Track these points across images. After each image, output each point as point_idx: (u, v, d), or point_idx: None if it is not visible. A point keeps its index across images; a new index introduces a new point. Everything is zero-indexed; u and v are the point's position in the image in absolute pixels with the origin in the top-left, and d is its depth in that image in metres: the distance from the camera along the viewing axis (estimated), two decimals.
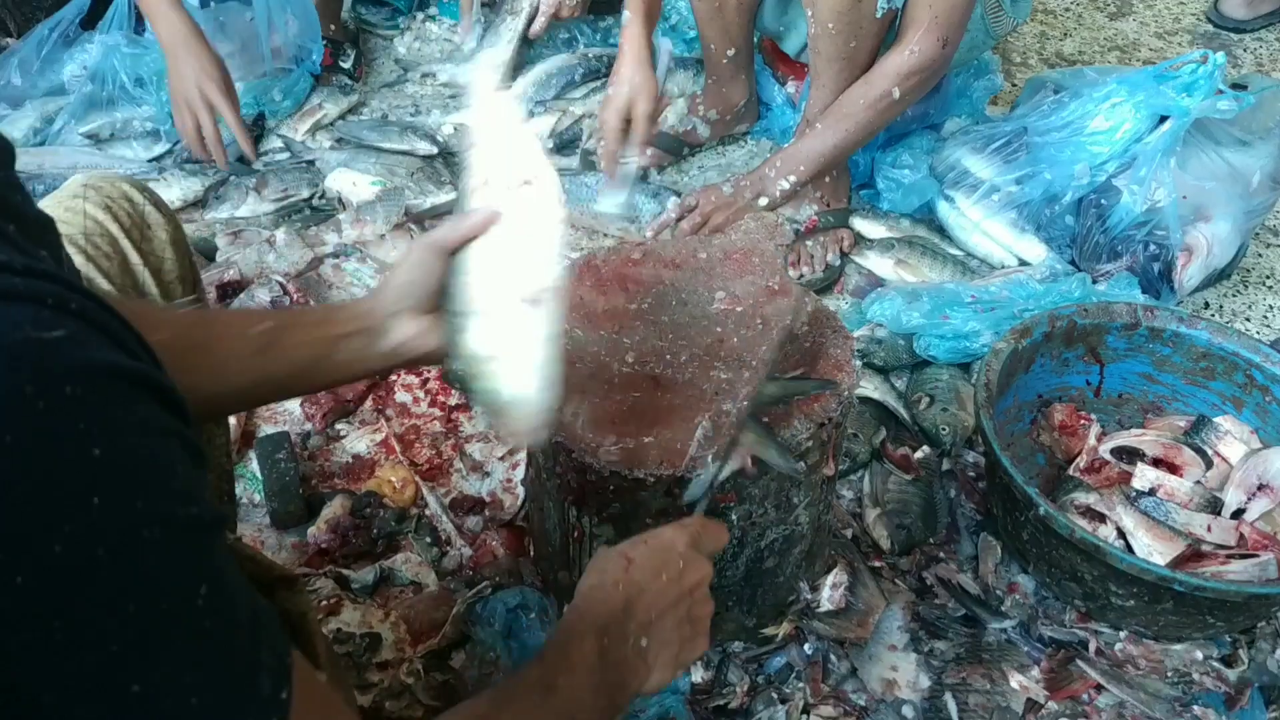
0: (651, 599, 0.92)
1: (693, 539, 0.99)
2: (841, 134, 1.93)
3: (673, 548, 0.96)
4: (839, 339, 1.33)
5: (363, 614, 1.48)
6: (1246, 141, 1.99)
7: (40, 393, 0.45)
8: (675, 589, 0.94)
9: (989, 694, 1.42)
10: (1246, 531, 1.51)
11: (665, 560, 0.95)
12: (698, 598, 0.96)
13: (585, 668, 0.87)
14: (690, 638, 0.95)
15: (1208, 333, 1.67)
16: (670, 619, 0.93)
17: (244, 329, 0.93)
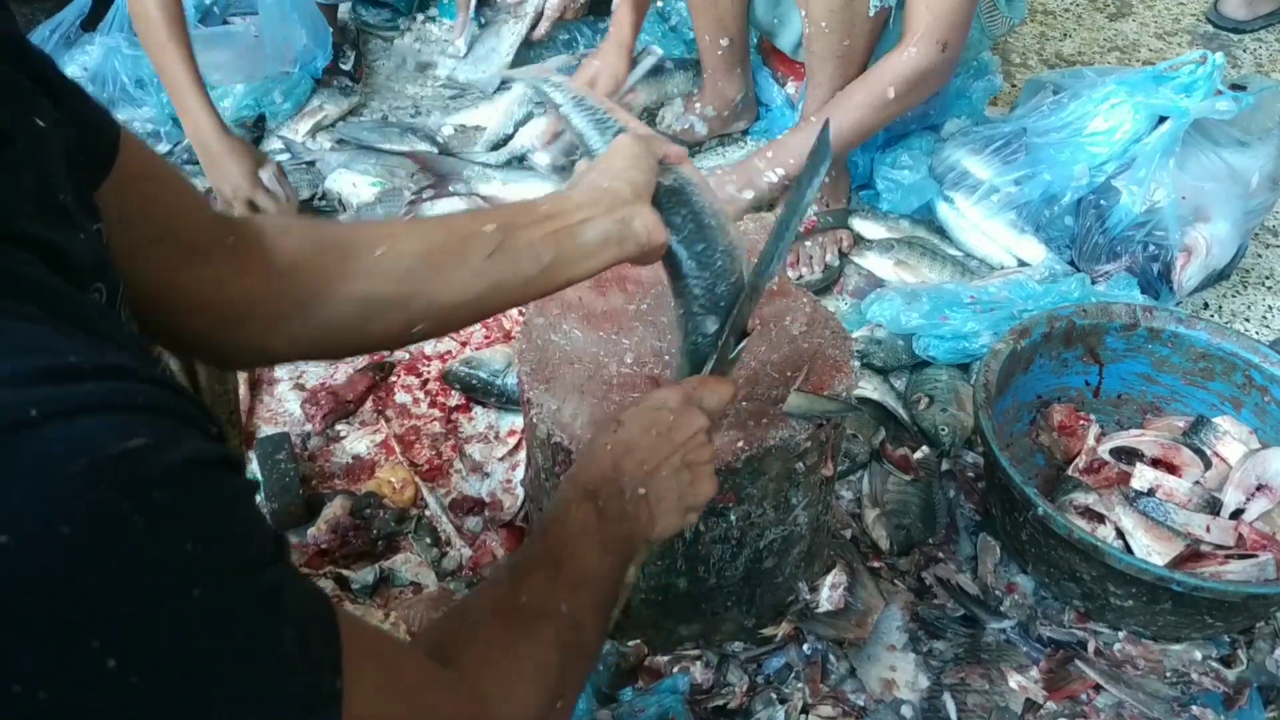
0: (642, 454, 0.93)
1: (687, 396, 0.98)
2: (835, 130, 1.91)
3: (663, 405, 0.96)
4: (838, 340, 1.33)
5: (363, 614, 1.48)
6: (1245, 142, 1.99)
7: (136, 507, 0.47)
8: (665, 442, 0.94)
9: (988, 694, 1.43)
10: (1245, 532, 1.52)
11: (654, 417, 0.95)
12: (692, 445, 0.96)
13: (586, 532, 0.88)
14: (691, 482, 0.96)
15: (1206, 333, 1.67)
16: (666, 468, 0.94)
17: (469, 231, 0.91)
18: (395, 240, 0.89)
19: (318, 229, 0.88)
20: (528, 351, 1.33)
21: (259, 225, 0.87)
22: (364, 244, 0.88)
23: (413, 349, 1.92)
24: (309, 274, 0.86)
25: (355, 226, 0.90)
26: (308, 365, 1.89)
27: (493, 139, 2.44)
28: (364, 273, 0.87)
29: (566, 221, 0.93)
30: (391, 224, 0.93)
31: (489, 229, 0.90)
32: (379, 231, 0.91)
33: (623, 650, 1.40)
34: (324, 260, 0.87)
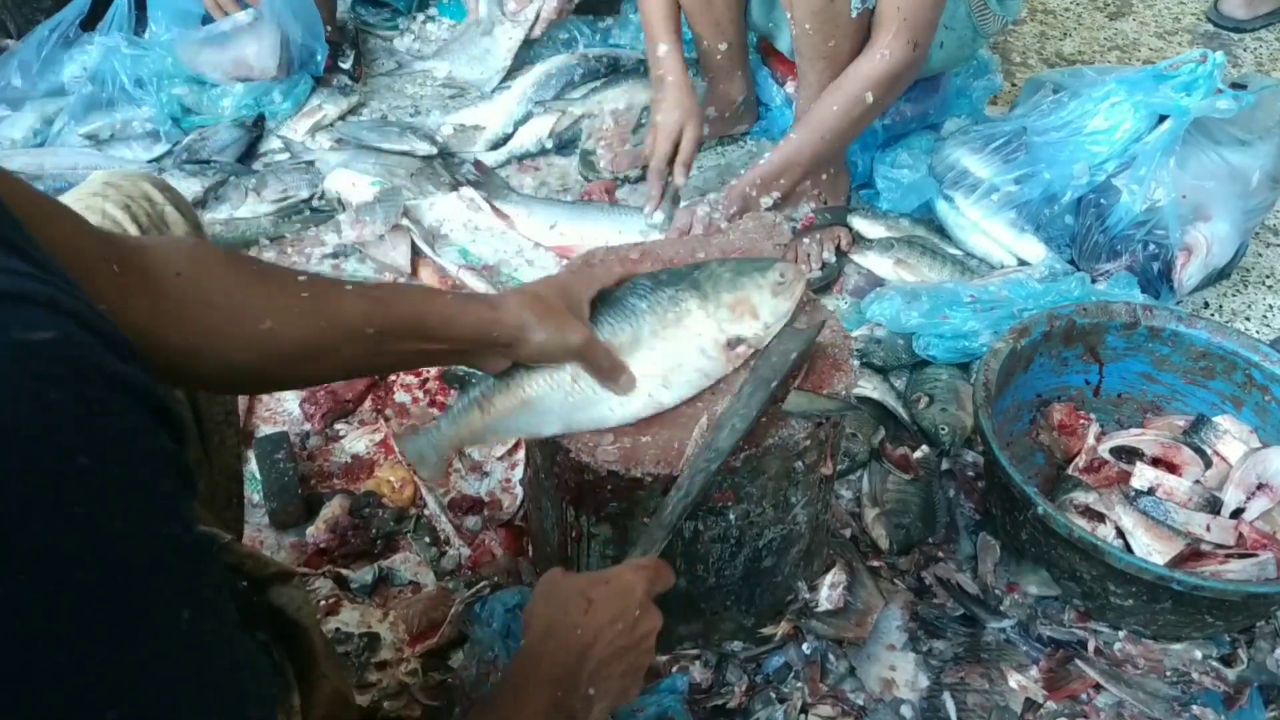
0: (604, 648, 0.93)
1: (650, 584, 0.99)
2: (816, 141, 1.93)
3: (632, 593, 0.97)
4: (837, 338, 1.33)
5: (361, 614, 1.48)
6: (1246, 141, 1.98)
7: (24, 395, 0.43)
8: (627, 638, 0.94)
9: (987, 693, 1.42)
10: (1245, 531, 1.51)
11: (624, 607, 0.95)
12: (644, 648, 0.96)
13: (536, 717, 0.88)
14: (626, 688, 0.95)
15: (1207, 332, 1.67)
16: (616, 667, 0.93)
17: (353, 328, 0.93)
18: (285, 318, 0.88)
19: (210, 275, 0.84)
20: None
21: (150, 256, 0.82)
22: (253, 312, 0.86)
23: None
24: (187, 326, 0.82)
25: (250, 281, 0.87)
26: None
27: (492, 138, 2.44)
28: (242, 343, 0.86)
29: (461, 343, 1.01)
30: (285, 290, 0.90)
31: (370, 332, 0.94)
32: (270, 299, 0.88)
33: None
34: (208, 317, 0.84)
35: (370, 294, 0.96)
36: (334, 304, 0.92)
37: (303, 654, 0.89)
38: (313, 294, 0.90)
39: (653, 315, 1.18)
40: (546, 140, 2.44)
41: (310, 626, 0.90)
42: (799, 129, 1.95)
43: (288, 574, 0.92)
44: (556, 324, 1.07)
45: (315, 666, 0.89)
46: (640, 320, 1.18)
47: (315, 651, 0.89)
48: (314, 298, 0.90)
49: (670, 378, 1.19)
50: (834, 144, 1.95)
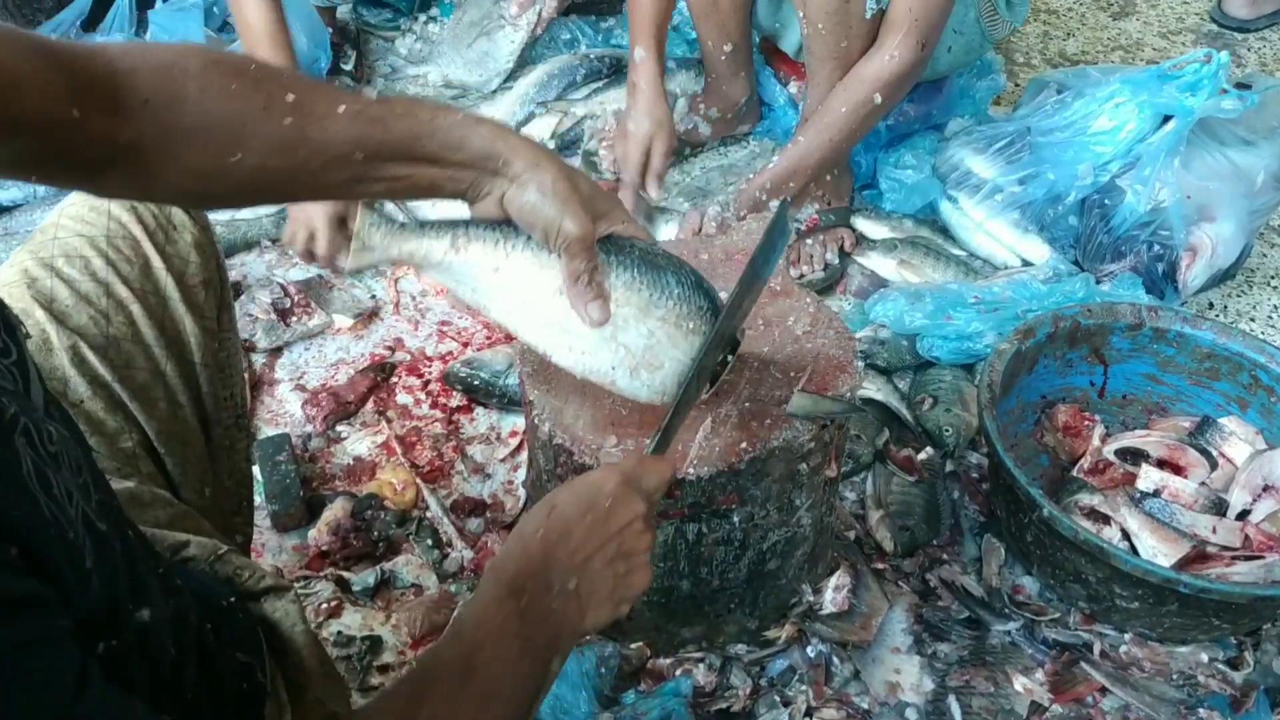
0: (577, 541, 0.86)
1: (626, 477, 0.91)
2: (826, 143, 1.93)
3: (600, 487, 0.89)
4: (841, 340, 1.33)
5: (363, 617, 1.48)
6: (1251, 141, 1.98)
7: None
8: (602, 528, 0.87)
9: (993, 697, 1.42)
10: (1252, 533, 1.50)
11: (591, 500, 0.88)
12: (629, 532, 0.89)
13: (505, 635, 0.81)
14: (625, 573, 0.89)
15: (1212, 333, 1.66)
16: (600, 557, 0.87)
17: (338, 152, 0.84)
18: (260, 148, 0.80)
19: (181, 100, 0.76)
20: (529, 352, 1.32)
21: (120, 81, 0.74)
22: (224, 144, 0.79)
23: (413, 350, 1.92)
24: (149, 155, 0.76)
25: (227, 104, 0.79)
26: (308, 366, 1.89)
27: None
28: (208, 173, 0.80)
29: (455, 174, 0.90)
30: (267, 115, 0.80)
31: (359, 157, 0.85)
32: (245, 127, 0.80)
33: (625, 653, 1.39)
34: (172, 147, 0.77)
35: (365, 114, 0.85)
36: (319, 129, 0.82)
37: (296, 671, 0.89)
38: (297, 119, 0.81)
39: (675, 308, 1.06)
40: (549, 141, 2.43)
41: (304, 645, 0.89)
42: (807, 131, 1.95)
43: (283, 587, 0.92)
44: (567, 197, 0.94)
45: (309, 688, 0.88)
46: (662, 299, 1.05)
47: (309, 671, 0.88)
48: (297, 124, 0.81)
49: (640, 370, 1.07)
50: (842, 145, 1.95)
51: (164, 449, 1.04)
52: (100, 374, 1.00)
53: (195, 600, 0.77)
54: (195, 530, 0.94)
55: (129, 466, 1.00)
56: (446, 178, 0.93)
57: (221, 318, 1.15)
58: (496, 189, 0.94)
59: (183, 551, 0.90)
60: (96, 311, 1.02)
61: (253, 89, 0.80)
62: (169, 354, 1.06)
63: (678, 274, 1.07)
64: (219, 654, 0.78)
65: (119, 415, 1.01)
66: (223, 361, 1.14)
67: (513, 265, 1.00)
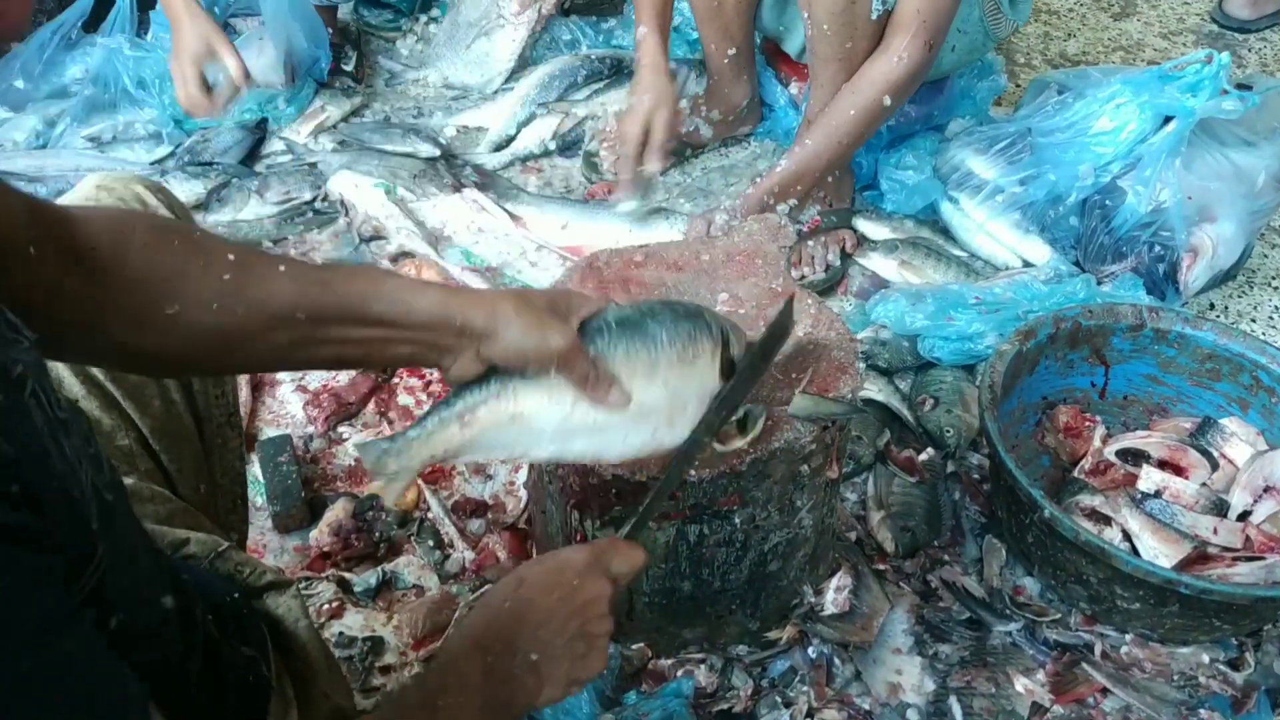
0: (541, 615, 0.89)
1: (594, 557, 0.93)
2: (834, 146, 1.92)
3: (568, 566, 0.92)
4: (842, 341, 1.33)
5: (365, 617, 1.48)
6: (1252, 142, 1.98)
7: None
8: (567, 606, 0.90)
9: (994, 697, 1.42)
10: (1253, 534, 1.50)
11: (559, 578, 0.91)
12: (592, 615, 0.91)
13: (469, 687, 0.83)
14: (583, 655, 0.91)
15: (1213, 334, 1.66)
16: (560, 636, 0.89)
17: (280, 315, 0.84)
18: (196, 301, 0.80)
19: (125, 249, 0.78)
20: None
21: (74, 228, 0.77)
22: (161, 295, 0.79)
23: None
24: (86, 304, 0.77)
25: (168, 258, 0.80)
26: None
27: (495, 140, 2.44)
28: (142, 326, 0.79)
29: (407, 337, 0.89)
30: (205, 271, 0.81)
31: (301, 318, 0.84)
32: (183, 281, 0.80)
33: (626, 653, 1.40)
34: (109, 296, 0.78)
35: (307, 275, 0.85)
36: (259, 287, 0.82)
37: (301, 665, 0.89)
38: (235, 275, 0.81)
39: (672, 349, 1.04)
40: (550, 142, 2.43)
41: (308, 641, 0.89)
42: (814, 134, 1.94)
43: (284, 583, 0.92)
44: (537, 321, 0.93)
45: (314, 682, 0.88)
46: (658, 350, 1.04)
47: (314, 665, 0.88)
48: (236, 280, 0.81)
49: (675, 418, 1.06)
50: (850, 148, 1.94)
51: (159, 446, 1.04)
52: (93, 373, 1.00)
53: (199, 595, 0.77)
54: (195, 526, 0.95)
55: (127, 463, 1.00)
56: (404, 342, 0.90)
57: None
58: (468, 349, 0.93)
59: (183, 549, 0.90)
60: None
61: (194, 247, 0.82)
62: None
63: (656, 319, 1.05)
64: (223, 647, 0.78)
65: (114, 413, 1.01)
66: None
67: (524, 406, 0.99)
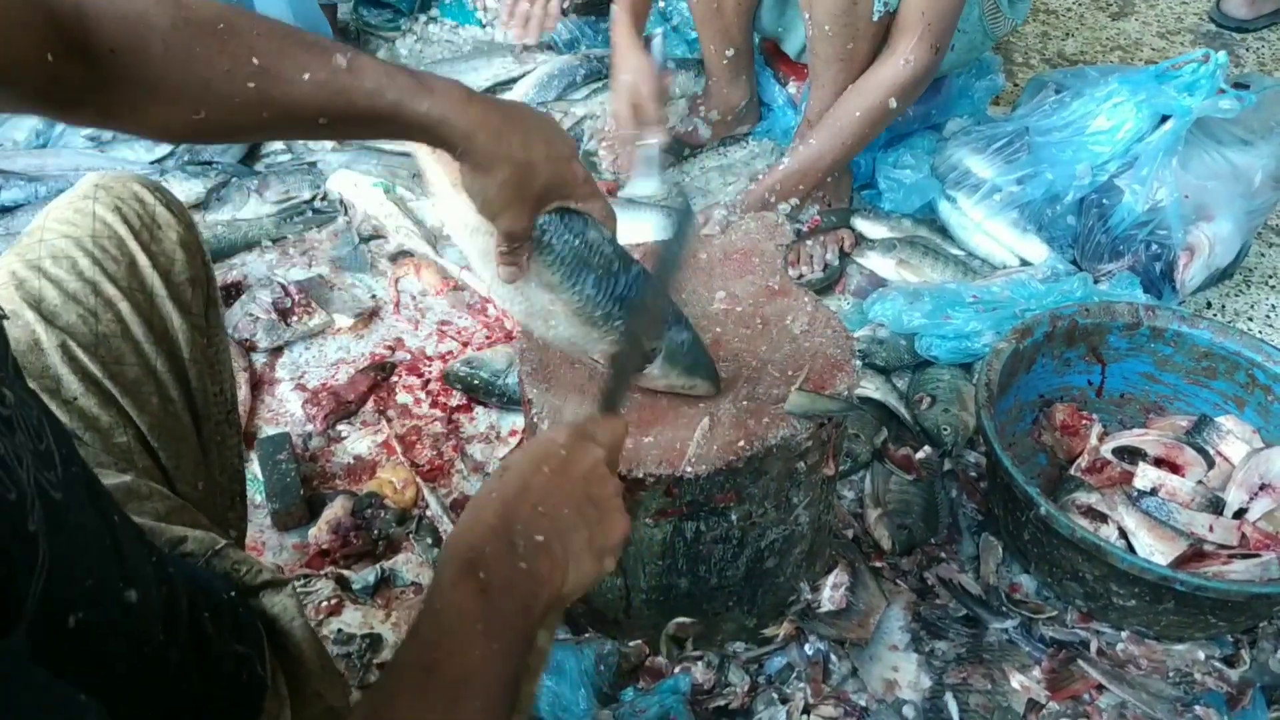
0: (537, 494, 0.79)
1: (578, 429, 0.86)
2: (838, 147, 1.93)
3: (552, 442, 0.84)
4: (839, 339, 1.33)
5: (364, 615, 1.48)
6: (1249, 141, 1.98)
7: None
8: (562, 476, 0.81)
9: (990, 694, 1.42)
10: (1249, 531, 1.51)
11: (545, 454, 0.82)
12: (593, 477, 0.83)
13: (465, 619, 0.72)
14: (599, 519, 0.82)
15: (1209, 332, 1.67)
16: (567, 506, 0.80)
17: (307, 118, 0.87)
18: (225, 109, 0.82)
19: (147, 53, 0.78)
20: (529, 352, 1.33)
21: (88, 27, 0.76)
22: (189, 101, 0.81)
23: (413, 349, 1.93)
24: (118, 103, 0.78)
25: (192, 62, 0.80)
26: (309, 366, 1.89)
27: None
28: (173, 124, 0.82)
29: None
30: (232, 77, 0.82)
31: (322, 122, 0.88)
32: (210, 88, 0.82)
33: (624, 650, 1.40)
34: (139, 97, 0.79)
35: (330, 84, 0.86)
36: (284, 94, 0.84)
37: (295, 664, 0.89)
38: (260, 84, 0.82)
39: (590, 304, 1.13)
40: None
41: (303, 639, 0.89)
42: (819, 134, 1.94)
43: (279, 582, 0.92)
44: (508, 200, 0.99)
45: (308, 681, 0.88)
46: (572, 292, 1.12)
47: (308, 664, 0.89)
48: (261, 89, 0.82)
49: (537, 321, 1.16)
50: (854, 150, 1.95)
51: (157, 443, 1.04)
52: (91, 371, 1.01)
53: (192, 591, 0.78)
54: (192, 524, 0.95)
55: (125, 461, 1.00)
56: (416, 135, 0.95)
57: (209, 314, 1.15)
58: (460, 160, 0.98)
59: (180, 546, 0.91)
60: (85, 310, 1.02)
61: (218, 52, 0.81)
62: (158, 350, 1.06)
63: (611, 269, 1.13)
64: (216, 643, 0.78)
65: (112, 411, 1.01)
66: (211, 357, 1.15)
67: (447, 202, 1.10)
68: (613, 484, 0.85)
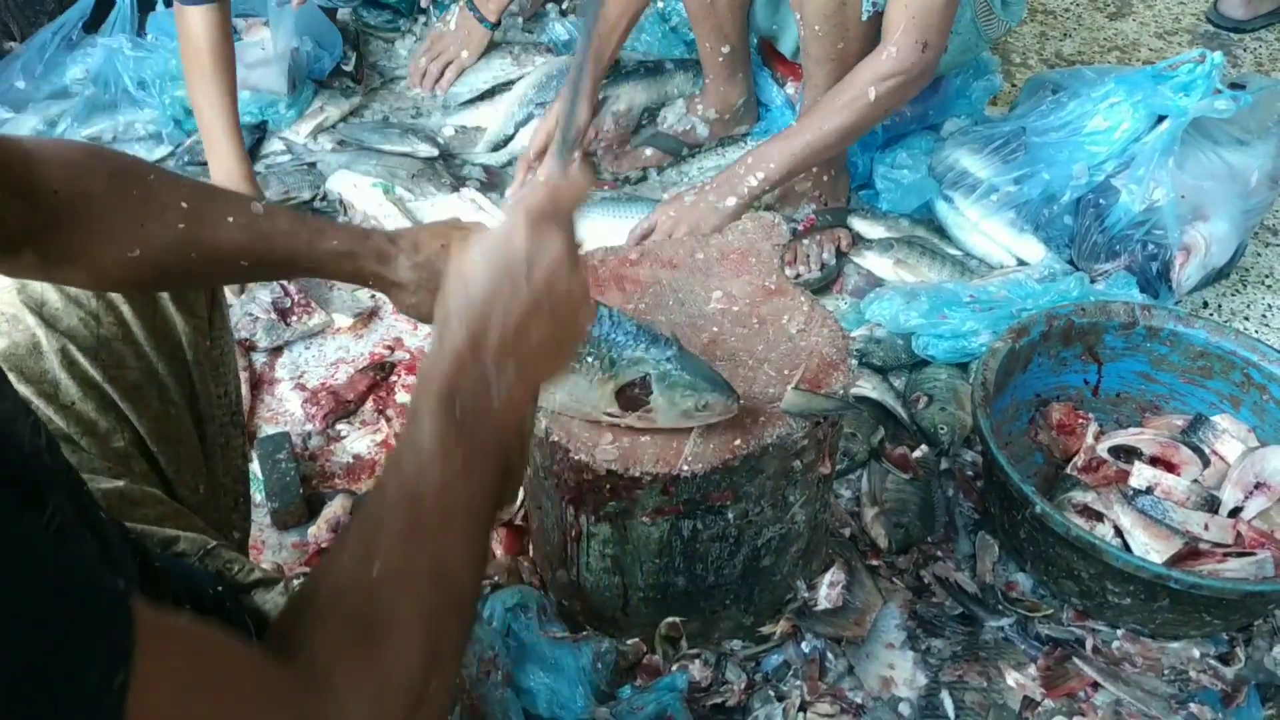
0: (503, 318, 0.75)
1: (534, 214, 0.77)
2: (815, 132, 1.88)
3: (509, 242, 0.76)
4: (835, 338, 1.34)
5: None
6: (1245, 141, 1.99)
7: None
8: (524, 286, 0.76)
9: (986, 691, 1.43)
10: (1244, 530, 1.52)
11: (505, 263, 0.76)
12: (557, 278, 0.77)
13: (444, 452, 0.72)
14: (568, 317, 0.79)
15: (1205, 332, 1.67)
16: (534, 323, 0.76)
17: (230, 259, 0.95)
18: (155, 246, 0.89)
19: (87, 197, 0.85)
20: None
21: (34, 169, 0.83)
22: (123, 241, 0.88)
23: (413, 349, 1.93)
24: (55, 244, 0.84)
25: (127, 206, 0.87)
26: (308, 365, 1.90)
27: (494, 140, 2.45)
28: (108, 264, 0.89)
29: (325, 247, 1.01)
30: (162, 219, 0.90)
31: (244, 264, 0.97)
32: (143, 228, 0.90)
33: (621, 648, 1.41)
34: (77, 239, 0.86)
35: (251, 228, 0.95)
36: (211, 236, 0.92)
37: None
38: (190, 225, 0.90)
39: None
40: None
41: None
42: (800, 119, 1.94)
43: (272, 580, 0.92)
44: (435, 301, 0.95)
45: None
46: None
47: None
48: (190, 230, 0.90)
49: None
50: (832, 137, 1.89)
51: (157, 447, 1.04)
52: (91, 375, 1.01)
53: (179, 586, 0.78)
54: (186, 527, 0.95)
55: (121, 466, 1.00)
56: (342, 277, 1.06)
57: (213, 316, 1.15)
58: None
59: (173, 547, 0.91)
60: (86, 313, 1.02)
61: (151, 194, 0.91)
62: (160, 353, 1.06)
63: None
64: None
65: (110, 415, 1.01)
66: (215, 359, 1.15)
67: None
68: (577, 276, 0.80)
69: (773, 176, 1.90)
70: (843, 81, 1.88)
